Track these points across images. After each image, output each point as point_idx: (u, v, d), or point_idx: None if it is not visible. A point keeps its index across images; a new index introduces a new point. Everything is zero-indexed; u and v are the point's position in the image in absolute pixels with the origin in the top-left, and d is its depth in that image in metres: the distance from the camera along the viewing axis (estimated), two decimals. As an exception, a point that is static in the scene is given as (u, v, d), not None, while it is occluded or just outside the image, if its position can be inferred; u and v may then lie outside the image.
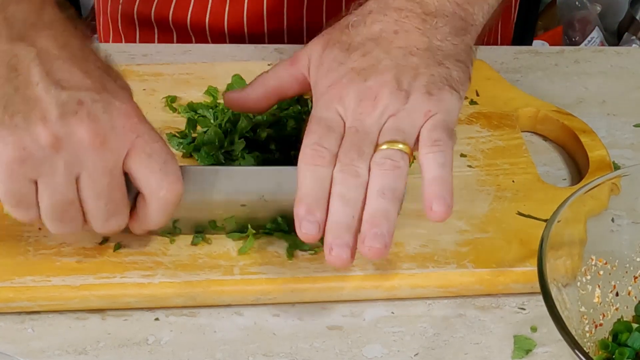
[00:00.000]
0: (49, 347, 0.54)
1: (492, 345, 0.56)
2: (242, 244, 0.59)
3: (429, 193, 0.53)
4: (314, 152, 0.55)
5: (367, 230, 0.52)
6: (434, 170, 0.54)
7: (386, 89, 0.56)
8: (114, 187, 0.53)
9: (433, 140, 0.55)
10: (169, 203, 0.55)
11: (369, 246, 0.52)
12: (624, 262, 0.57)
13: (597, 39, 1.81)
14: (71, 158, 0.51)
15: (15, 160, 0.50)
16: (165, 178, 0.54)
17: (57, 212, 0.53)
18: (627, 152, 0.73)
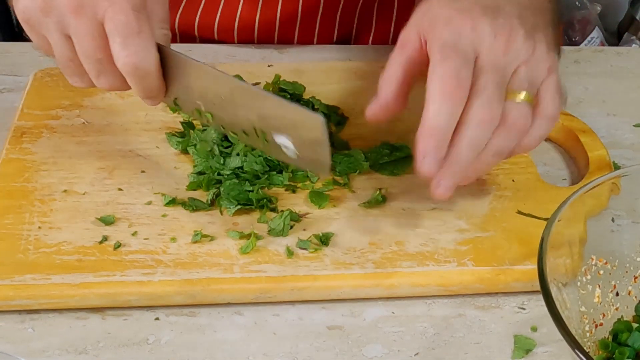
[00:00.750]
0: (49, 347, 0.54)
1: (492, 345, 0.56)
2: (244, 243, 0.59)
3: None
4: (454, 81, 0.54)
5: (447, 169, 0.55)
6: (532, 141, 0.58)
7: (519, 32, 0.57)
8: (97, 48, 0.57)
9: (554, 107, 0.58)
10: (128, 74, 0.57)
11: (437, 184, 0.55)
12: (624, 262, 0.57)
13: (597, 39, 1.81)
14: (58, 20, 0.57)
15: (23, 20, 0.59)
16: (122, 51, 0.56)
17: (62, 66, 0.60)
18: (627, 152, 0.73)
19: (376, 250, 0.60)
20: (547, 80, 0.58)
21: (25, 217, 0.61)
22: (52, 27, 0.57)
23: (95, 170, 0.66)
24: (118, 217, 0.62)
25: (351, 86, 0.76)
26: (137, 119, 0.72)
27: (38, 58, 0.82)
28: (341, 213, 0.63)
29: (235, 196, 0.62)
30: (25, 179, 0.65)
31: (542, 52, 0.58)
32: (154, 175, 0.66)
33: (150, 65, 0.57)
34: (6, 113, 0.74)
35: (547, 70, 0.58)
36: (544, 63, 0.58)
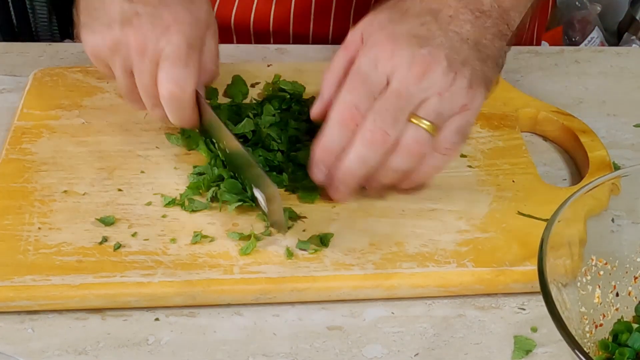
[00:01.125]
0: (48, 348, 0.54)
1: (492, 345, 0.56)
2: (244, 245, 0.59)
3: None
4: (351, 114, 0.58)
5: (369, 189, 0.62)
6: (430, 166, 0.61)
7: (440, 66, 0.58)
8: (152, 85, 0.63)
9: (451, 143, 0.60)
10: (166, 101, 0.63)
11: (337, 191, 0.61)
12: (624, 263, 0.57)
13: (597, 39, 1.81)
14: (124, 58, 0.63)
15: (92, 54, 0.66)
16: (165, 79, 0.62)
17: (124, 93, 0.66)
18: (627, 152, 0.73)
19: (376, 251, 0.60)
20: (455, 117, 0.59)
21: (25, 217, 0.61)
22: (118, 64, 0.64)
23: (95, 171, 0.66)
24: (118, 218, 0.62)
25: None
26: (137, 119, 0.72)
27: (38, 58, 0.82)
28: (341, 214, 0.63)
29: (237, 192, 0.62)
30: (25, 180, 0.65)
31: (461, 88, 0.58)
32: (154, 175, 0.66)
33: (186, 96, 0.63)
34: (6, 113, 0.74)
35: (460, 108, 0.59)
36: (459, 99, 0.59)
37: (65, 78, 0.76)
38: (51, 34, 2.08)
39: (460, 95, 0.59)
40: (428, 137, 0.59)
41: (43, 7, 2.03)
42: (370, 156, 0.59)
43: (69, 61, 0.81)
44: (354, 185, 0.61)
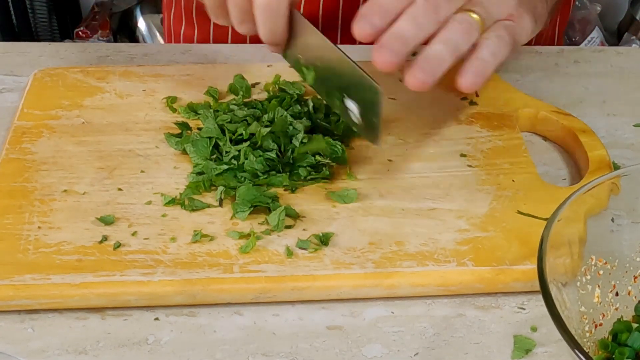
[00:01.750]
0: (48, 347, 0.54)
1: (492, 345, 0.56)
2: (244, 243, 0.59)
3: (471, 66, 0.58)
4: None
5: (419, 62, 0.56)
6: (486, 53, 0.59)
7: None
8: (244, 2, 0.62)
9: (499, 35, 0.60)
10: (261, 10, 0.61)
11: (414, 75, 0.56)
12: (624, 262, 0.57)
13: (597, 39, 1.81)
14: None
15: None
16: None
17: (211, 8, 0.65)
18: (627, 152, 0.73)
19: (376, 250, 0.60)
20: (503, 21, 0.61)
21: (25, 217, 0.61)
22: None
23: (95, 170, 0.66)
24: (118, 217, 0.62)
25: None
26: (137, 119, 0.72)
27: (38, 58, 0.82)
28: (341, 213, 0.63)
29: (251, 200, 0.62)
30: (25, 179, 0.65)
31: (510, 1, 0.61)
32: (154, 175, 0.66)
33: (282, 6, 0.61)
34: (6, 113, 0.74)
35: (507, 16, 0.61)
36: (507, 6, 0.61)
37: (66, 78, 0.76)
38: (51, 34, 2.09)
39: (507, 4, 0.61)
40: (477, 25, 0.59)
41: (43, 7, 2.03)
42: (422, 18, 0.57)
43: (69, 61, 0.81)
44: (401, 49, 0.57)
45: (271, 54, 0.84)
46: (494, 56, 0.59)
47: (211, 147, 0.67)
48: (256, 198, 0.62)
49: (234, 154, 0.66)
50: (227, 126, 0.68)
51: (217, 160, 0.66)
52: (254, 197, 0.62)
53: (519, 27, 0.62)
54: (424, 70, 0.56)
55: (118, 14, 2.17)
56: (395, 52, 0.56)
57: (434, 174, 0.65)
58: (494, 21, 0.61)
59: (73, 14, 2.17)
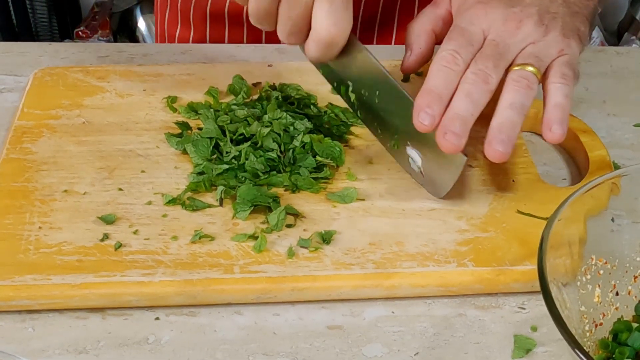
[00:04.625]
0: (49, 347, 0.54)
1: (492, 344, 0.56)
2: (255, 243, 0.59)
3: (551, 116, 0.60)
4: (451, 57, 0.60)
5: (495, 135, 0.59)
6: (559, 98, 0.61)
7: (531, 19, 0.63)
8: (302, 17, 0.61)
9: (562, 74, 0.61)
10: (321, 41, 0.61)
11: (494, 149, 0.58)
12: (624, 262, 0.57)
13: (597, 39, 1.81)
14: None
15: None
16: (327, 20, 0.60)
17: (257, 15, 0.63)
18: (627, 152, 0.73)
19: (376, 251, 0.60)
20: (557, 60, 0.62)
21: (25, 217, 0.61)
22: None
23: (95, 170, 0.66)
24: (118, 217, 0.62)
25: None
26: (137, 119, 0.72)
27: (38, 58, 0.82)
28: (341, 213, 0.63)
29: (252, 200, 0.62)
30: (25, 179, 0.65)
31: (554, 36, 0.63)
32: (154, 175, 0.66)
33: (343, 39, 0.62)
34: (6, 113, 0.74)
35: (558, 52, 0.62)
36: (555, 45, 0.63)
37: (66, 78, 0.76)
38: (51, 34, 2.09)
39: (555, 42, 0.62)
40: (534, 77, 0.61)
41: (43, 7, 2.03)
42: (475, 92, 0.59)
43: (69, 61, 0.81)
44: (464, 129, 0.59)
45: (271, 54, 0.84)
46: (567, 97, 0.61)
47: (211, 147, 0.67)
48: (257, 197, 0.62)
49: (234, 154, 0.66)
50: (228, 126, 0.68)
51: (218, 160, 0.66)
52: (255, 197, 0.62)
53: (572, 56, 0.63)
54: (502, 142, 0.58)
55: (118, 14, 2.17)
56: (458, 135, 0.58)
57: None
58: (550, 62, 0.62)
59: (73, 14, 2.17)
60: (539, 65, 0.61)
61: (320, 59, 0.63)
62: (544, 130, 0.60)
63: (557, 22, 0.63)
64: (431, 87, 0.59)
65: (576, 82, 0.62)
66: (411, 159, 0.65)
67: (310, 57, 0.64)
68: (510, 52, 0.61)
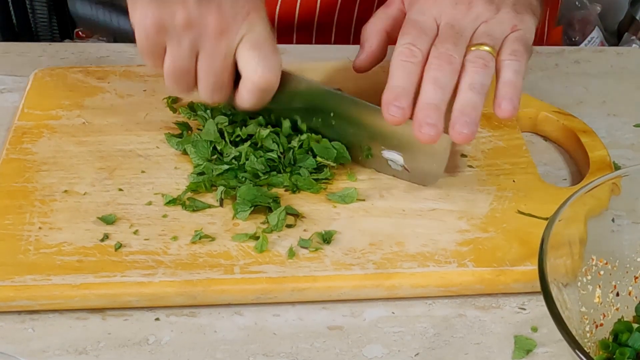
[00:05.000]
0: (49, 347, 0.54)
1: (493, 345, 0.56)
2: (257, 243, 0.59)
3: (502, 93, 0.60)
4: (408, 51, 0.61)
5: (457, 118, 0.59)
6: (510, 74, 0.61)
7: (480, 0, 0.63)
8: (224, 69, 0.62)
9: (513, 50, 0.62)
10: (259, 88, 0.63)
11: (459, 132, 0.59)
12: (625, 262, 0.57)
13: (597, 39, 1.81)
14: (196, 38, 0.61)
15: (151, 28, 0.61)
16: (261, 66, 0.62)
17: (175, 76, 0.63)
18: (627, 152, 0.73)
19: (376, 251, 0.60)
20: (510, 35, 0.63)
21: (25, 217, 0.61)
22: (185, 42, 0.61)
23: (95, 171, 0.66)
24: (118, 218, 0.62)
25: (351, 86, 0.76)
26: (137, 119, 0.72)
27: (38, 58, 0.82)
28: (341, 213, 0.63)
29: (252, 200, 0.62)
30: (25, 179, 0.65)
31: (506, 12, 0.63)
32: (155, 175, 0.66)
33: (277, 83, 0.64)
34: (6, 113, 0.74)
35: (511, 28, 0.63)
36: (508, 21, 0.63)
37: (66, 78, 0.76)
38: (51, 34, 2.08)
39: (507, 18, 0.63)
40: (490, 56, 0.62)
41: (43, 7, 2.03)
42: (442, 77, 0.60)
43: (69, 61, 0.81)
44: (438, 117, 0.59)
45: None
46: (518, 73, 0.61)
47: (211, 148, 0.67)
48: (257, 198, 0.62)
49: (234, 155, 0.66)
50: (226, 128, 0.68)
51: (218, 160, 0.66)
52: (255, 197, 0.62)
53: (525, 31, 0.64)
54: (466, 124, 0.59)
55: (118, 13, 2.17)
56: (434, 125, 0.59)
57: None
58: (503, 39, 0.63)
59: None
60: (493, 43, 0.62)
61: (257, 105, 0.64)
62: (494, 107, 0.60)
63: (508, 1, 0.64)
64: (395, 84, 0.60)
65: (528, 55, 0.63)
66: (391, 161, 0.65)
67: (245, 106, 0.64)
68: (466, 31, 0.62)
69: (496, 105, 0.60)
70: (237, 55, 0.62)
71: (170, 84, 0.64)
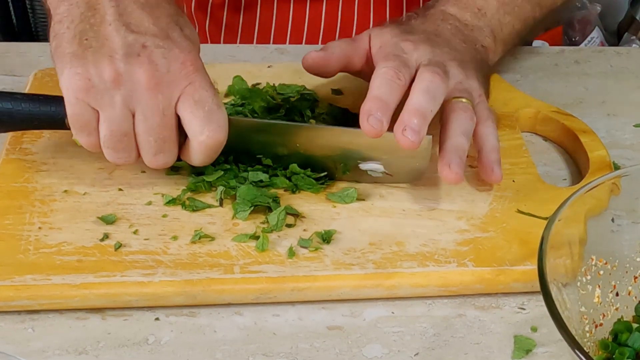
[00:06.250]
0: (49, 347, 0.54)
1: (492, 345, 0.56)
2: (257, 243, 0.59)
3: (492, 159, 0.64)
4: (393, 72, 0.62)
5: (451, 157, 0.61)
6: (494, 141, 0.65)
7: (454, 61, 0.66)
8: (164, 127, 0.58)
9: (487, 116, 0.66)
10: (208, 147, 0.60)
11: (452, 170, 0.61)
12: (624, 262, 0.57)
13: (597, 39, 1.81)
14: (129, 95, 0.57)
15: (80, 89, 0.56)
16: (207, 125, 0.59)
17: (113, 141, 0.59)
18: (627, 152, 0.73)
19: (376, 251, 0.60)
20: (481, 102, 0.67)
21: (25, 217, 0.61)
22: (118, 100, 0.57)
23: (95, 171, 0.66)
24: (118, 217, 0.62)
25: (351, 86, 0.76)
26: (137, 119, 0.72)
27: (38, 58, 0.82)
28: (341, 213, 0.63)
29: (251, 200, 0.62)
30: (25, 180, 0.65)
31: (474, 80, 0.67)
32: (154, 175, 0.66)
33: (225, 138, 0.60)
34: (6, 113, 0.73)
35: (479, 96, 0.67)
36: (476, 89, 0.67)
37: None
38: (51, 34, 2.08)
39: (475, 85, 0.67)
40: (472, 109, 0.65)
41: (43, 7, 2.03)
42: (433, 89, 0.61)
43: (69, 61, 0.81)
44: (423, 123, 0.59)
45: (271, 54, 0.84)
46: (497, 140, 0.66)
47: None
48: (257, 198, 0.62)
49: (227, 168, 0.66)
50: None
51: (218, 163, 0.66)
52: (255, 197, 0.62)
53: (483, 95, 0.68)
54: (457, 164, 0.61)
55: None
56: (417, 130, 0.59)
57: (434, 175, 0.65)
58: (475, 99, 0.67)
59: (73, 14, 2.17)
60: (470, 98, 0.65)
61: (207, 162, 0.62)
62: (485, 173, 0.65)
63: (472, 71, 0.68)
64: (377, 95, 0.60)
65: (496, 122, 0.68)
66: (370, 172, 0.65)
67: (194, 164, 0.62)
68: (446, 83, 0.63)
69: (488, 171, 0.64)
70: (178, 112, 0.59)
71: (111, 153, 0.60)
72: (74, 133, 0.60)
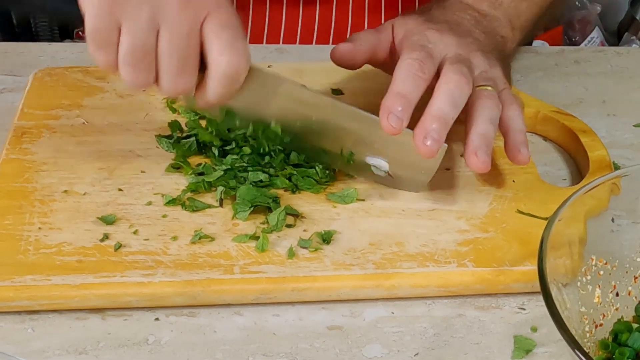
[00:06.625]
0: (49, 347, 0.54)
1: (492, 345, 0.56)
2: (257, 243, 0.59)
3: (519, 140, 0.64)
4: (418, 65, 0.61)
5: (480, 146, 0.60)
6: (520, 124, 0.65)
7: (478, 52, 0.66)
8: (188, 47, 0.56)
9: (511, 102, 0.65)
10: (227, 75, 0.57)
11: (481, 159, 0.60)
12: (624, 262, 0.57)
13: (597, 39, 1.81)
14: (156, 9, 0.54)
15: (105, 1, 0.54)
16: (229, 49, 0.56)
17: (133, 58, 0.55)
18: (627, 152, 0.73)
19: (376, 251, 0.60)
20: (505, 89, 0.66)
21: (25, 217, 0.61)
22: (144, 15, 0.54)
23: (95, 171, 0.66)
24: (118, 218, 0.62)
25: (351, 86, 0.76)
26: (137, 119, 0.72)
27: (38, 58, 0.82)
28: (341, 214, 0.63)
29: (251, 200, 0.62)
30: (25, 180, 0.65)
31: (498, 69, 0.67)
32: (154, 175, 0.66)
33: (246, 70, 0.58)
34: (6, 113, 0.74)
35: (504, 84, 0.67)
36: (500, 77, 0.67)
37: (66, 78, 0.76)
38: (51, 34, 2.08)
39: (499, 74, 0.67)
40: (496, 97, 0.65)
41: (43, 7, 2.03)
42: (458, 95, 0.60)
43: (69, 61, 0.81)
44: (444, 130, 0.59)
45: (271, 54, 0.84)
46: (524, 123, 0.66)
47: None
48: (256, 198, 0.62)
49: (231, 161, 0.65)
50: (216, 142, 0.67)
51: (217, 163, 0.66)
52: (255, 197, 0.62)
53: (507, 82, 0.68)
54: (485, 152, 0.60)
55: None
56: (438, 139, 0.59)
57: (434, 175, 0.65)
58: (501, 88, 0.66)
59: (73, 14, 2.17)
60: (495, 86, 0.65)
61: (224, 96, 0.58)
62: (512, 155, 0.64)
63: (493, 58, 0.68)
64: (401, 90, 0.59)
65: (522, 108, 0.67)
66: (374, 167, 0.65)
67: (211, 98, 0.58)
68: (471, 72, 0.63)
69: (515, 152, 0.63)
70: (203, 32, 0.56)
71: (128, 71, 0.56)
72: (91, 49, 0.56)
